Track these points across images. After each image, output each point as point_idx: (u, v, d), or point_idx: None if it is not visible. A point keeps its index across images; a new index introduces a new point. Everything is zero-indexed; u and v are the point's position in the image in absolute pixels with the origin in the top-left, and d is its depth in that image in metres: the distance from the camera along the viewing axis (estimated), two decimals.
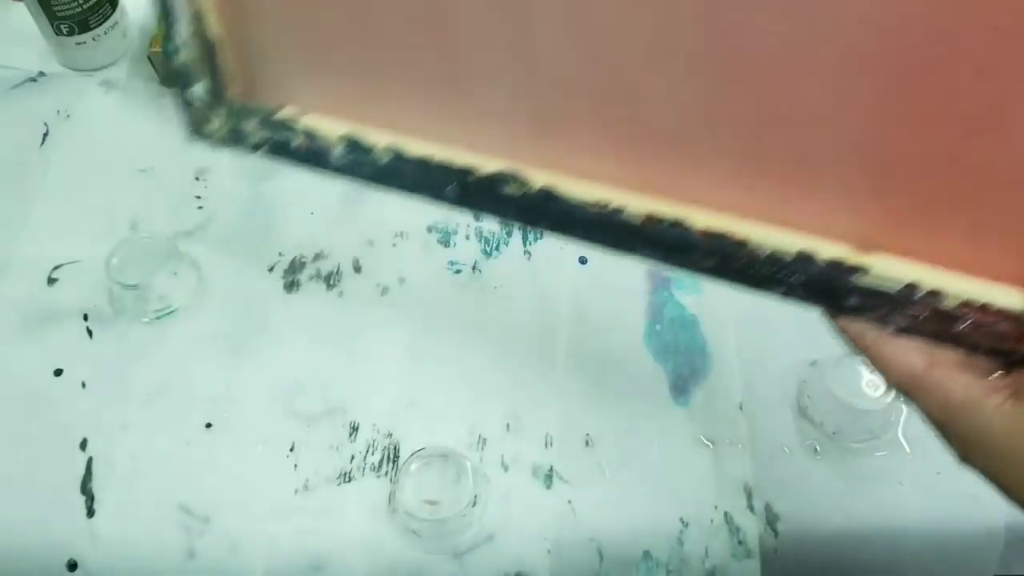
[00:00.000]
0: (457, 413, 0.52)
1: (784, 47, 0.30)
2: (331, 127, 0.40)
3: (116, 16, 0.64)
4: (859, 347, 0.35)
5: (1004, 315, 0.32)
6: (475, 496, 0.47)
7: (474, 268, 0.57)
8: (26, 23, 0.64)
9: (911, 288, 0.32)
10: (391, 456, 0.50)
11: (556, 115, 0.36)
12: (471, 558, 0.47)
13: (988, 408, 0.31)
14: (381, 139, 0.39)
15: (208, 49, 0.40)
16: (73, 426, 0.51)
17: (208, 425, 0.51)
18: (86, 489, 0.49)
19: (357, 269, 0.57)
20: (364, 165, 0.40)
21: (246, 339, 0.54)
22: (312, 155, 0.41)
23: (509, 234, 0.58)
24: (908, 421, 0.51)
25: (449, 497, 0.47)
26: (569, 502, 0.49)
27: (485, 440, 0.51)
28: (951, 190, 0.32)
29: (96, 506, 0.49)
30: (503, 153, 0.37)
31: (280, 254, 0.57)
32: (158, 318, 0.55)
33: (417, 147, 0.38)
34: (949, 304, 0.32)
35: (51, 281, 0.57)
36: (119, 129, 0.63)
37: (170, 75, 0.63)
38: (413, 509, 0.46)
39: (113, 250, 0.54)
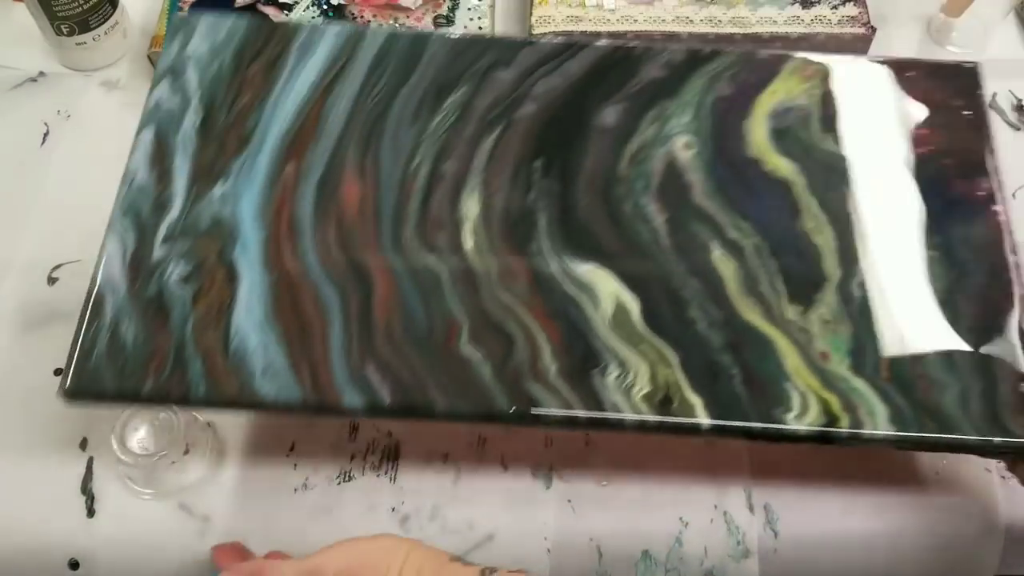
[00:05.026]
0: None
1: None
2: None
3: (116, 16, 0.64)
4: None
5: None
6: None
7: None
8: (27, 23, 0.64)
9: None
10: (391, 455, 0.50)
11: None
12: (471, 558, 0.47)
13: None
14: None
15: None
16: (74, 425, 0.51)
17: (208, 424, 0.51)
18: (86, 489, 0.49)
19: None
20: None
21: None
22: None
23: None
24: None
25: None
26: (569, 502, 0.49)
27: (485, 440, 0.51)
28: None
29: (97, 506, 0.49)
30: None
31: None
32: None
33: None
34: None
35: (51, 281, 0.57)
36: (119, 129, 0.63)
37: None
38: None
39: None
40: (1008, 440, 0.41)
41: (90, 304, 0.43)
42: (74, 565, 0.48)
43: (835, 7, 0.63)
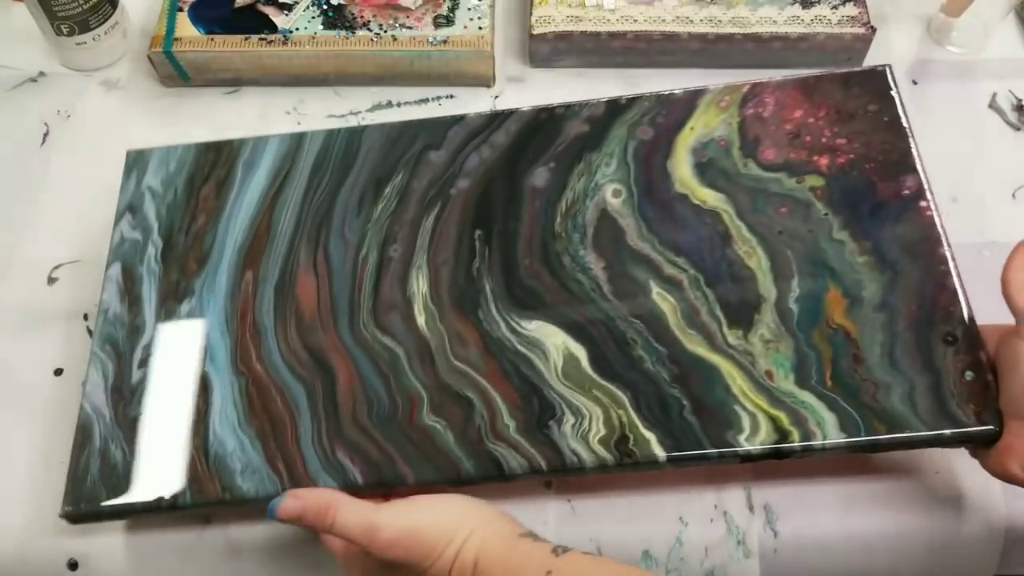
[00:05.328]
0: None
1: None
2: None
3: (116, 16, 0.64)
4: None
5: None
6: None
7: None
8: (26, 23, 0.64)
9: None
10: None
11: None
12: None
13: None
14: None
15: None
16: (73, 424, 0.51)
17: None
18: None
19: None
20: None
21: None
22: None
23: None
24: None
25: None
26: (569, 502, 0.49)
27: None
28: None
29: None
30: None
31: None
32: None
33: None
34: None
35: (51, 281, 0.57)
36: (119, 129, 0.63)
37: (170, 75, 0.64)
38: None
39: None
40: (958, 430, 0.41)
41: (80, 433, 0.47)
42: (73, 566, 0.48)
43: (835, 7, 0.63)
